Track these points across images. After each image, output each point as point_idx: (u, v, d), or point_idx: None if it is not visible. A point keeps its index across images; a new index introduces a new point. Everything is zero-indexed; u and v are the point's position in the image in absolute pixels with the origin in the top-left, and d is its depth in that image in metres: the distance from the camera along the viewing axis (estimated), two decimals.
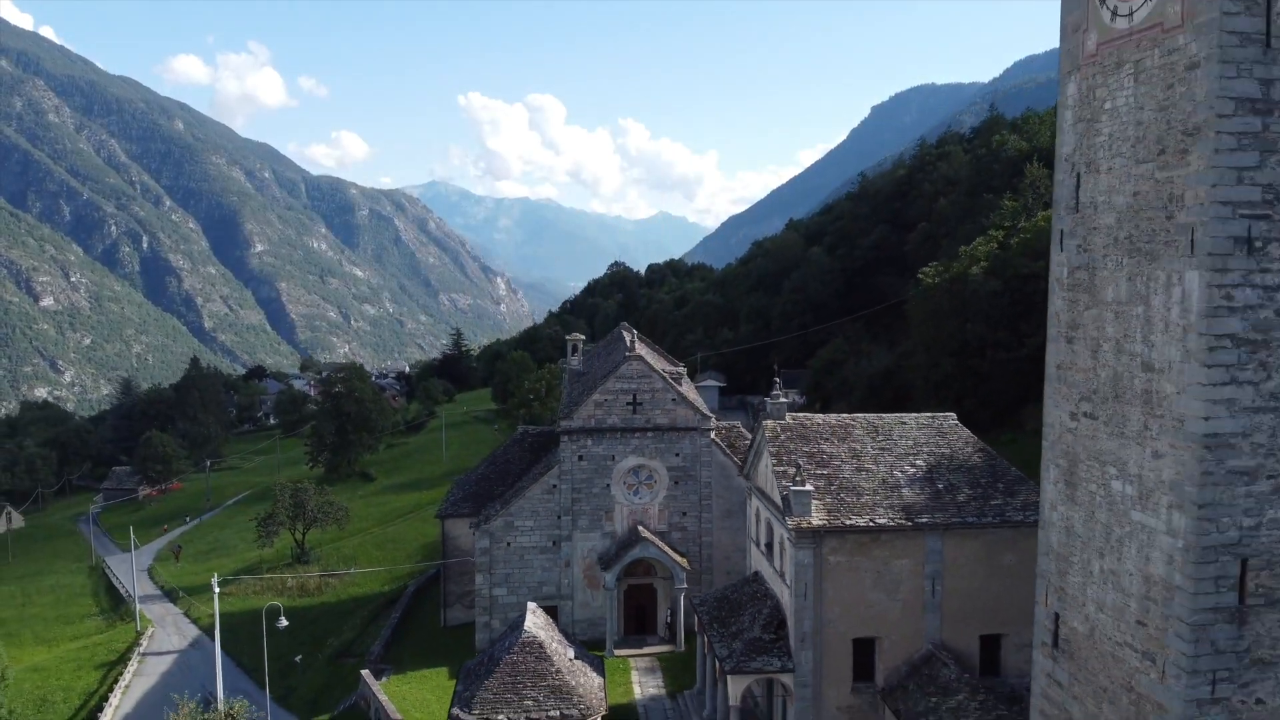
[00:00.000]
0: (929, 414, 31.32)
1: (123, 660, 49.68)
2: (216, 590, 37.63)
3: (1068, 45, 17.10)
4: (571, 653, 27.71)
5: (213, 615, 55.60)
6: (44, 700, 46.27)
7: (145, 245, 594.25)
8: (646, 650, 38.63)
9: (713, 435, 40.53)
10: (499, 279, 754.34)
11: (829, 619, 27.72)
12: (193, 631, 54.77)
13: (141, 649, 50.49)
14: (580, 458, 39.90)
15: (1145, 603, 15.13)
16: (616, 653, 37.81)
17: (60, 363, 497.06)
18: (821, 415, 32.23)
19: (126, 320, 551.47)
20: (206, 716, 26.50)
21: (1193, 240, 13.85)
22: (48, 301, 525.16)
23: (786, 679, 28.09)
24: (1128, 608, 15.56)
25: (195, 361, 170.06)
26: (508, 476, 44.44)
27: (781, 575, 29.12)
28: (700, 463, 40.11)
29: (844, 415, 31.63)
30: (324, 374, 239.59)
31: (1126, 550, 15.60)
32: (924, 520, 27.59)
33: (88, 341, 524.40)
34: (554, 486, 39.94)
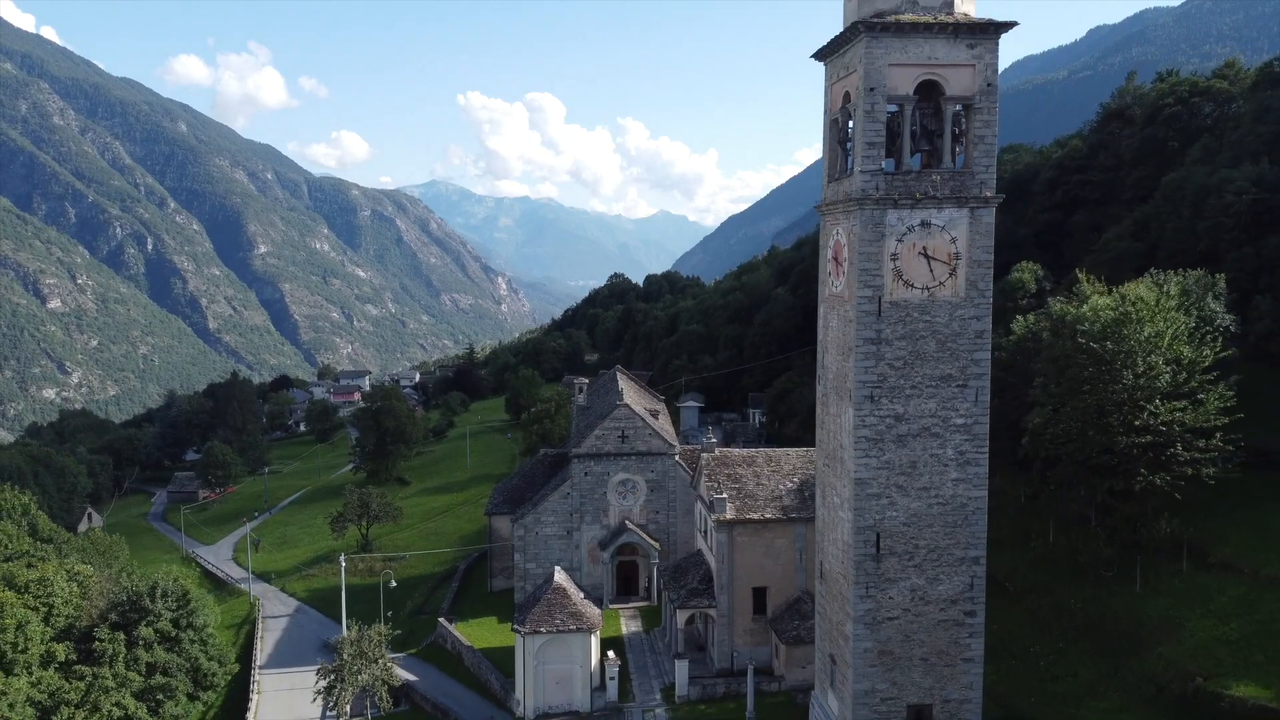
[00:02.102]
0: (803, 448, 50.30)
1: (248, 621, 68.79)
2: (344, 564, 56.67)
3: (820, 289, 36.11)
4: (582, 595, 46.81)
5: (306, 590, 74.88)
6: None
7: (150, 247, 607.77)
8: (631, 605, 57.83)
9: (677, 458, 59.60)
10: (500, 279, 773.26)
11: (737, 575, 46.79)
12: (292, 603, 73.70)
13: (261, 614, 69.54)
14: (585, 474, 59.03)
15: (843, 553, 34.19)
16: (610, 606, 56.94)
17: (68, 364, 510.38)
18: (737, 449, 51.49)
19: (133, 322, 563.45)
20: (369, 632, 45.37)
21: (850, 394, 32.87)
22: (55, 303, 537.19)
23: (712, 612, 47.23)
24: (839, 555, 34.65)
25: (235, 375, 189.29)
26: (534, 485, 63.59)
27: (711, 550, 48.20)
28: (668, 477, 59.22)
29: (751, 449, 50.89)
30: (339, 380, 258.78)
31: (837, 530, 34.67)
32: (794, 515, 46.59)
33: (94, 343, 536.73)
34: (568, 494, 59.10)
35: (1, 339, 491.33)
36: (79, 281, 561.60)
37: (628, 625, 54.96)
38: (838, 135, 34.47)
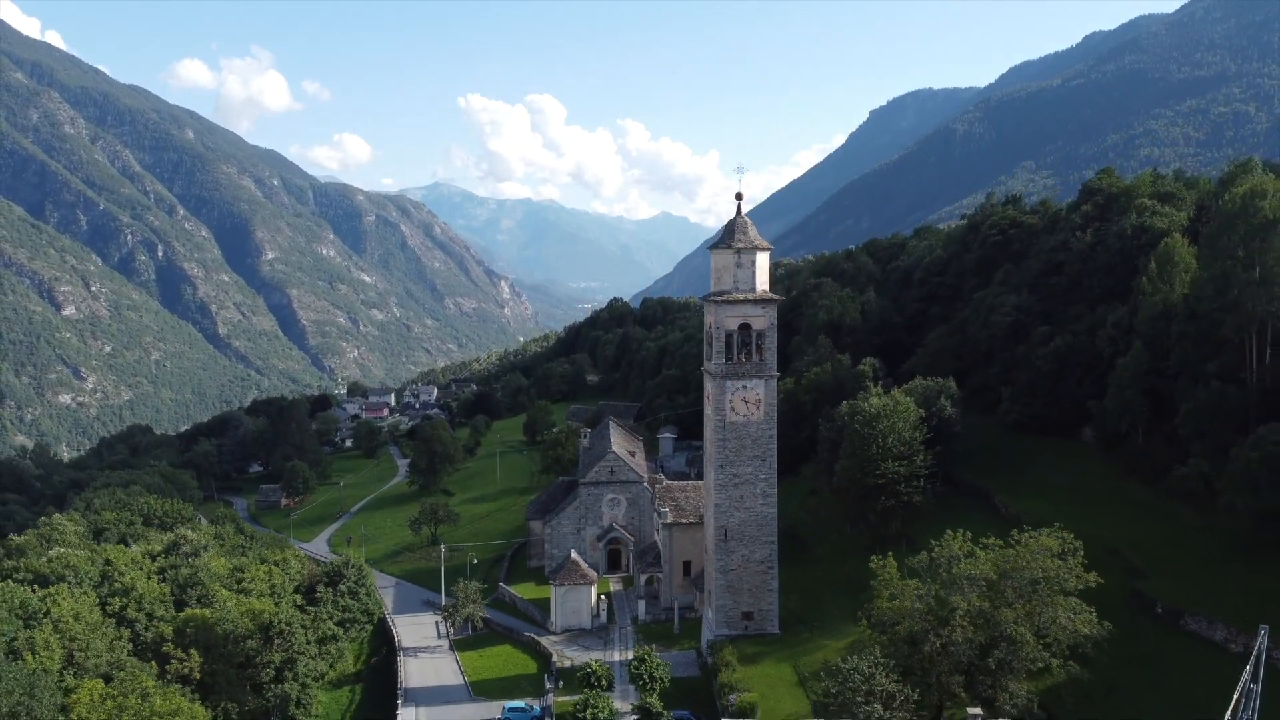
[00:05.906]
0: None
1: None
2: (444, 550, 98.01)
3: (704, 408, 77.29)
4: (586, 565, 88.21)
5: (400, 570, 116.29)
6: None
7: (160, 254, 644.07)
8: (616, 576, 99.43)
9: (645, 484, 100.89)
10: (502, 282, 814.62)
11: (675, 554, 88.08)
12: (391, 579, 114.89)
13: (375, 585, 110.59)
14: (589, 494, 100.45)
15: (711, 539, 75.51)
16: (603, 576, 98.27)
17: (83, 370, 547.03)
18: (677, 481, 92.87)
19: (145, 328, 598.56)
20: (470, 584, 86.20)
21: (713, 462, 74.08)
22: (69, 310, 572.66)
23: (661, 575, 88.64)
24: (711, 540, 75.99)
25: (293, 400, 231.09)
26: (555, 500, 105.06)
27: (661, 540, 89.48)
28: (640, 496, 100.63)
29: (684, 482, 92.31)
30: (368, 396, 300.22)
31: (710, 528, 75.98)
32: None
33: (108, 349, 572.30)
34: (577, 506, 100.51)
35: (18, 345, 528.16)
36: (92, 289, 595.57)
37: (614, 586, 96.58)
38: (708, 339, 75.49)
